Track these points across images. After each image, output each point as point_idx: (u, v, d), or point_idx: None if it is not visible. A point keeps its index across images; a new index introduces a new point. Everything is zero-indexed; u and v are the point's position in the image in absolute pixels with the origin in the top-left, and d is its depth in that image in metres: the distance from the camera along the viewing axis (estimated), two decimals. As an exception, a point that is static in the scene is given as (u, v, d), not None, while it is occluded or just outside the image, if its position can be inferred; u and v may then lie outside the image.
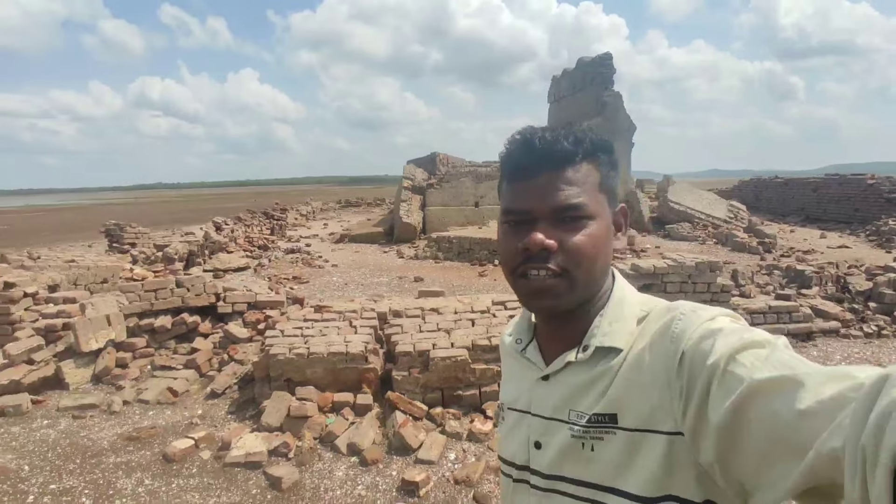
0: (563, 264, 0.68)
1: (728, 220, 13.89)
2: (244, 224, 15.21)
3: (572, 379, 0.71)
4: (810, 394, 0.47)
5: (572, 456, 0.69)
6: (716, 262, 5.32)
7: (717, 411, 0.55)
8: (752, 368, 0.54)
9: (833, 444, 0.43)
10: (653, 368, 0.64)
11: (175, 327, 4.78)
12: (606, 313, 0.72)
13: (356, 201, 26.37)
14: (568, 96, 17.95)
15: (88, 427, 3.77)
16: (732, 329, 0.60)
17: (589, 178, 0.70)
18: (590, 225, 0.69)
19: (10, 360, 3.98)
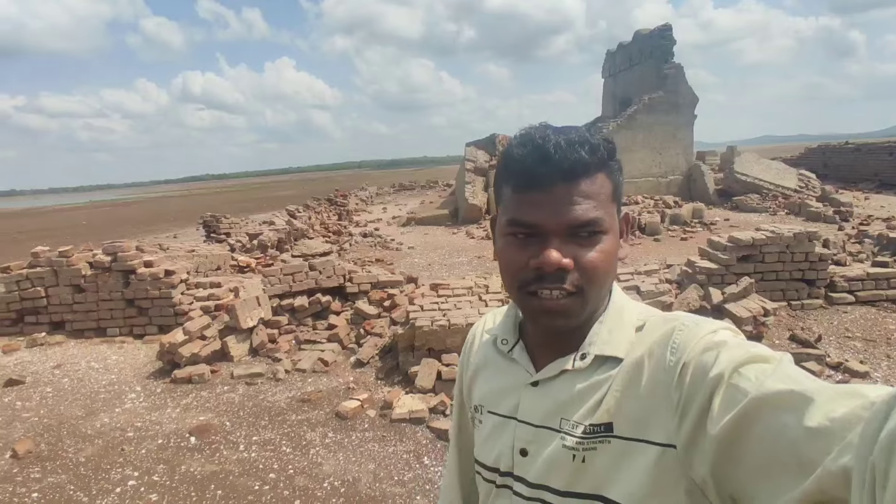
0: (578, 283, 0.66)
1: (798, 190, 13.63)
2: (314, 211, 15.97)
3: (567, 387, 0.70)
4: (820, 411, 0.47)
5: (562, 467, 0.67)
6: (814, 232, 5.47)
7: (717, 424, 0.54)
8: (758, 382, 0.53)
9: (843, 461, 0.42)
10: (651, 379, 0.63)
11: (311, 306, 5.36)
12: (605, 321, 0.71)
13: (410, 185, 26.90)
14: (624, 70, 17.77)
15: (262, 392, 4.38)
16: (736, 343, 0.60)
17: (603, 190, 0.67)
18: (604, 240, 0.67)
19: (190, 336, 4.63)
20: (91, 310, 5.52)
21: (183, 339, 4.58)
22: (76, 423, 3.98)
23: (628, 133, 15.15)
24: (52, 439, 3.77)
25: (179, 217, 25.09)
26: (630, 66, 17.24)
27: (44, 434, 3.84)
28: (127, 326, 5.54)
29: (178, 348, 4.54)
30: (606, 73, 19.38)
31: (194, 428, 3.83)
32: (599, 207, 0.66)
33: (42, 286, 5.49)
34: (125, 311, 5.53)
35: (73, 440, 3.75)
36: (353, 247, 11.44)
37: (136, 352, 5.25)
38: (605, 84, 19.69)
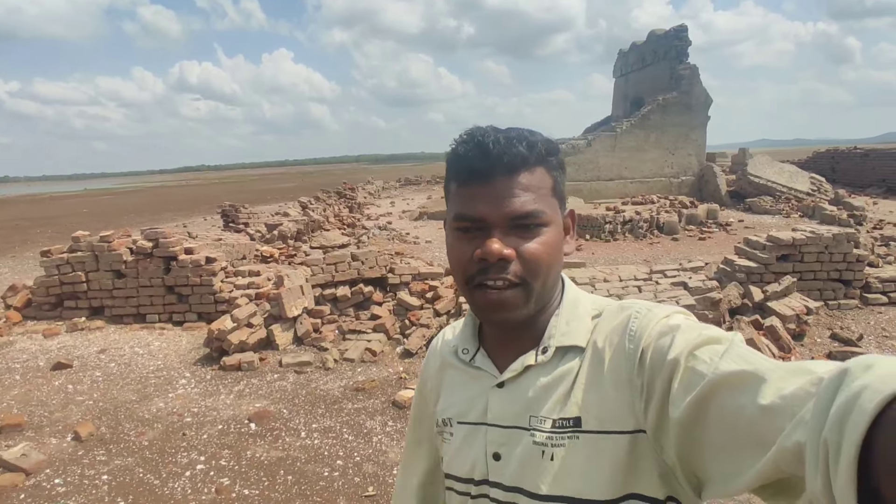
0: (521, 273, 0.67)
1: (811, 193, 13.73)
2: (325, 203, 15.93)
3: (532, 383, 0.70)
4: (772, 389, 0.48)
5: (532, 466, 0.67)
6: (853, 234, 5.53)
7: (677, 407, 0.55)
8: (712, 363, 0.54)
9: (797, 437, 0.43)
10: (613, 368, 0.64)
11: (353, 296, 5.36)
12: (562, 313, 0.72)
13: (416, 179, 26.89)
14: (637, 70, 17.80)
15: (314, 380, 4.39)
16: (689, 326, 0.61)
17: (543, 184, 0.69)
18: (545, 232, 0.68)
19: (238, 323, 4.62)
20: (131, 296, 5.50)
21: (231, 326, 4.57)
22: (132, 407, 3.97)
23: (641, 133, 15.19)
24: (112, 423, 3.76)
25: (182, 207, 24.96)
26: (643, 67, 17.27)
27: (101, 417, 3.83)
28: (166, 313, 5.52)
29: (227, 335, 4.53)
30: (618, 73, 19.40)
31: (253, 414, 3.84)
32: (539, 200, 0.67)
33: (83, 271, 5.46)
34: (165, 298, 5.50)
35: (133, 424, 3.74)
36: (370, 239, 11.42)
37: (177, 339, 5.23)
38: (616, 84, 19.72)
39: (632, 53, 18.19)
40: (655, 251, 9.68)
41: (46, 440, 3.55)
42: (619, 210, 11.53)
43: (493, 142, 0.66)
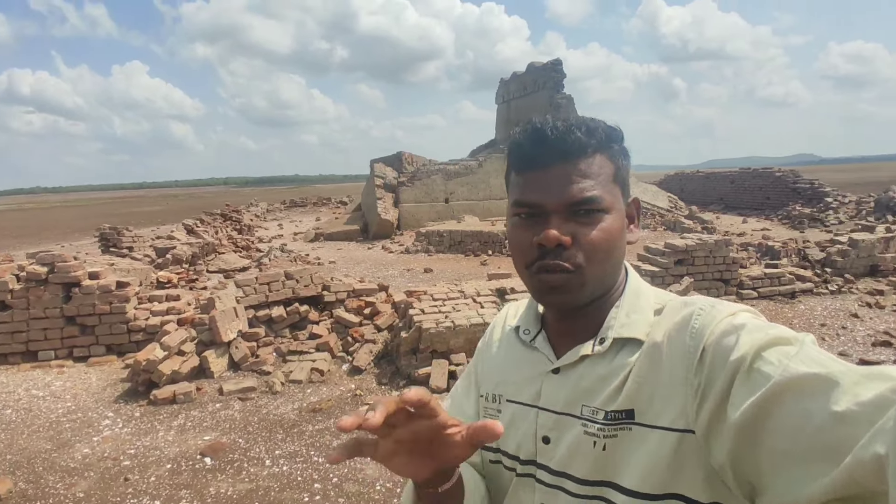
0: (578, 260, 0.67)
1: (670, 210, 15.74)
2: (211, 226, 14.83)
3: (587, 372, 0.69)
4: (847, 395, 0.45)
5: (583, 454, 0.67)
6: (728, 240, 6.52)
7: (737, 408, 0.53)
8: (781, 366, 0.51)
9: (876, 449, 0.40)
10: (670, 364, 0.63)
11: (290, 316, 5.12)
12: (623, 305, 0.71)
13: (301, 201, 26.05)
14: (518, 98, 19.18)
15: (262, 405, 4.11)
16: (756, 325, 0.59)
17: (603, 170, 0.69)
18: (605, 219, 0.67)
19: (169, 352, 4.18)
20: (18, 330, 4.68)
21: (162, 355, 4.13)
22: (50, 457, 3.42)
23: (527, 155, 16.37)
24: (30, 476, 3.20)
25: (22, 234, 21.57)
26: (524, 94, 18.68)
27: (15, 472, 3.25)
28: (65, 348, 4.78)
29: (158, 366, 4.09)
30: (500, 100, 20.74)
31: (206, 448, 3.50)
32: (598, 186, 0.67)
33: (-46, 304, 4.55)
34: (64, 331, 4.77)
35: (57, 475, 3.23)
36: (272, 261, 10.87)
37: (83, 376, 4.57)
38: (499, 109, 21.05)
39: (513, 82, 19.58)
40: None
41: (-56, 506, 2.93)
42: (516, 226, 12.26)
43: (551, 129, 0.67)
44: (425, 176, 15.28)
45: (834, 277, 7.29)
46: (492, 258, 10.95)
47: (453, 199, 15.57)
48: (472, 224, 13.28)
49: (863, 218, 13.47)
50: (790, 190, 16.31)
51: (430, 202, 15.33)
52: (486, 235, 11.63)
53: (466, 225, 13.07)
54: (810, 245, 8.18)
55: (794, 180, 16.42)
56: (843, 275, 7.37)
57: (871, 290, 7.04)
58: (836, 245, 7.87)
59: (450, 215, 15.30)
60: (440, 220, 14.62)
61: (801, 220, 14.21)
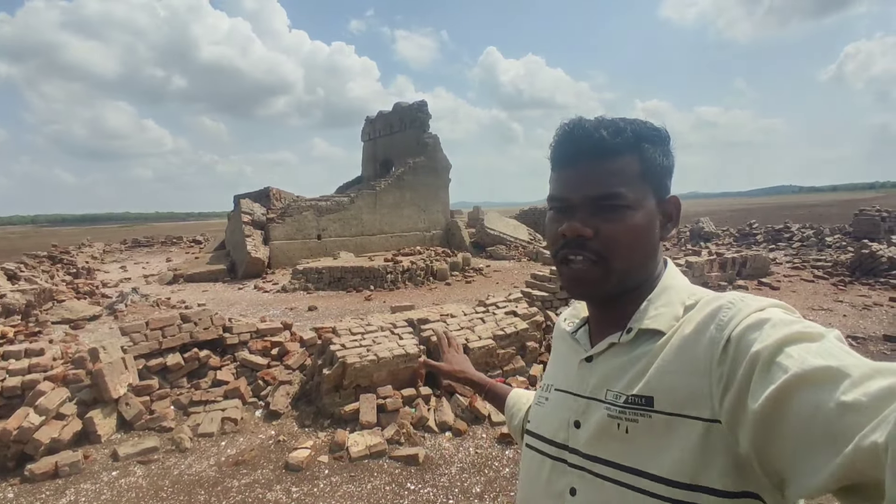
0: (600, 252, 0.71)
1: (530, 241, 17.17)
2: (39, 270, 12.60)
3: (613, 360, 0.73)
4: (857, 386, 0.47)
5: (608, 436, 0.69)
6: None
7: (756, 399, 0.54)
8: (800, 359, 0.53)
9: (874, 438, 0.42)
10: (695, 354, 0.64)
11: (188, 363, 4.60)
12: (654, 298, 0.74)
13: (146, 241, 23.32)
14: (385, 136, 19.62)
15: (171, 466, 3.62)
16: (783, 320, 0.59)
17: (629, 168, 0.71)
18: (628, 214, 0.70)
19: (46, 416, 3.51)
20: None
21: (39, 420, 3.45)
22: None
23: (398, 192, 16.73)
24: None
25: None
26: (391, 133, 19.17)
27: None
28: None
29: (34, 434, 3.41)
30: (366, 137, 21.00)
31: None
32: (623, 184, 0.71)
33: None
34: None
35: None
36: (128, 307, 9.58)
37: (-88, 460, 3.59)
38: (365, 147, 21.27)
39: (379, 120, 20.02)
40: (437, 295, 10.74)
41: None
42: (396, 261, 12.39)
43: (581, 129, 0.73)
44: (296, 212, 14.79)
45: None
46: (375, 293, 10.91)
47: (325, 235, 15.25)
48: (350, 260, 13.12)
49: (683, 245, 16.07)
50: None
51: (303, 238, 14.83)
52: (366, 271, 11.57)
53: (344, 261, 12.87)
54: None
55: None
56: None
57: (705, 303, 8.45)
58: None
59: (323, 252, 14.94)
60: (313, 257, 14.20)
61: (637, 248, 16.48)
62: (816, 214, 27.71)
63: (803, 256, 12.82)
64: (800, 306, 8.09)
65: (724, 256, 10.17)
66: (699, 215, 33.41)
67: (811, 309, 8.07)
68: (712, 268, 9.71)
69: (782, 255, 13.66)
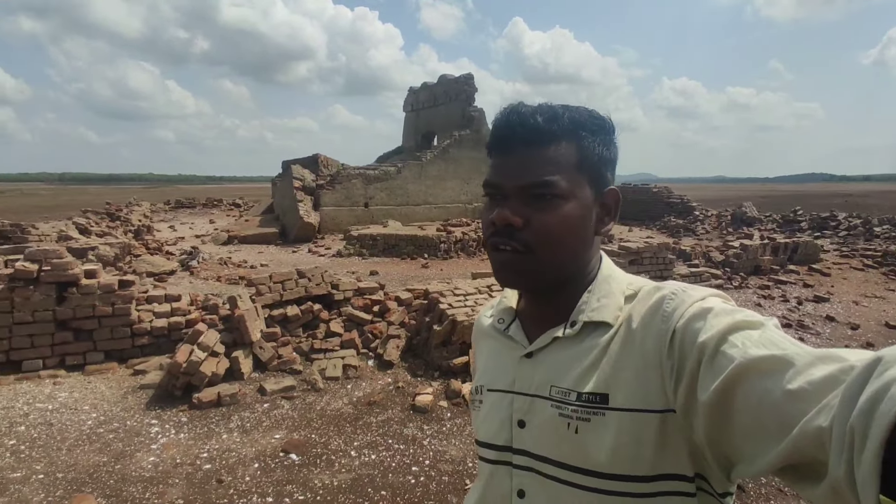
0: (529, 242, 0.68)
1: (570, 218, 17.36)
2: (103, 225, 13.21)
3: (558, 355, 0.71)
4: (801, 374, 0.48)
5: (557, 436, 0.68)
6: (667, 244, 7.63)
7: (705, 390, 0.55)
8: (743, 348, 0.54)
9: (819, 422, 0.44)
10: (644, 347, 0.64)
11: (304, 315, 5.03)
12: (594, 290, 0.73)
13: (188, 202, 23.99)
14: (428, 108, 19.75)
15: (312, 403, 4.06)
16: (724, 309, 0.60)
17: (564, 157, 0.69)
18: (561, 204, 0.68)
19: (206, 352, 3.95)
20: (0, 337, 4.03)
21: (203, 356, 3.90)
22: (115, 470, 3.11)
23: (442, 164, 16.96)
24: (108, 491, 2.92)
25: None
26: (435, 105, 19.29)
27: (83, 488, 2.92)
28: (56, 356, 4.20)
29: (199, 367, 3.85)
30: (409, 108, 21.14)
31: (284, 446, 3.44)
32: (556, 172, 0.68)
33: (-87, 309, 3.78)
34: (55, 337, 4.19)
35: (138, 486, 2.97)
36: (201, 264, 10.11)
37: (88, 386, 4.07)
38: (407, 118, 21.43)
39: (423, 92, 20.12)
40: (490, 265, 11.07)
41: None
42: (448, 230, 12.73)
43: (518, 114, 0.70)
44: (346, 180, 15.15)
45: (734, 275, 8.83)
46: (430, 261, 11.29)
47: (372, 203, 15.62)
48: (400, 228, 13.48)
49: (723, 229, 16.13)
50: (665, 204, 18.88)
51: (350, 206, 15.23)
52: (420, 239, 11.93)
53: (395, 229, 13.24)
54: (712, 249, 9.75)
55: (668, 196, 19.07)
56: (739, 273, 8.96)
57: (760, 284, 8.65)
58: (731, 249, 9.51)
59: (369, 219, 15.33)
60: (360, 224, 14.59)
61: (678, 230, 16.55)
62: (853, 204, 27.31)
63: (851, 245, 12.85)
64: (852, 293, 8.26)
65: (777, 241, 10.30)
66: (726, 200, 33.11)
67: (864, 296, 8.22)
68: (765, 251, 9.86)
69: (828, 243, 13.69)
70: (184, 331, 4.57)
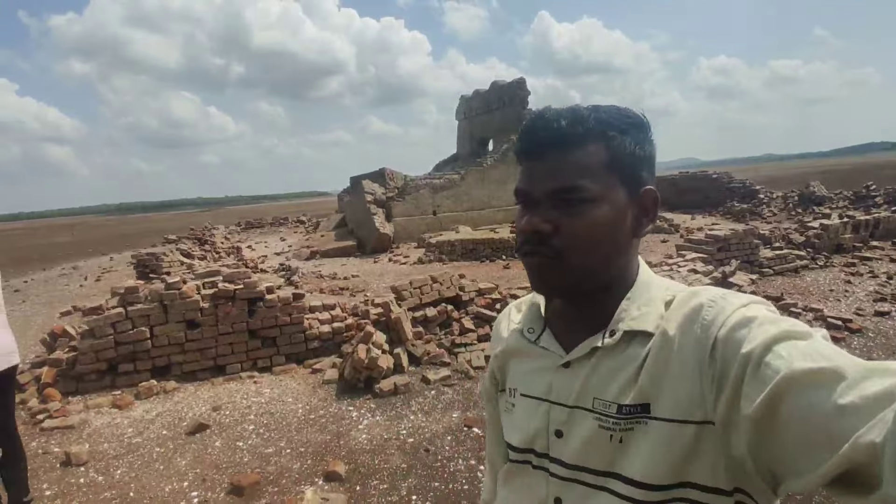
0: (560, 248, 0.68)
1: (632, 211, 17.57)
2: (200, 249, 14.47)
3: (598, 365, 0.70)
4: (852, 388, 0.47)
5: (599, 447, 0.67)
6: (752, 230, 7.94)
7: (750, 403, 0.54)
8: (790, 359, 0.52)
9: (871, 437, 0.43)
10: (683, 357, 0.62)
11: (440, 316, 5.70)
12: (634, 297, 0.71)
13: (256, 222, 25.49)
14: (482, 114, 20.37)
15: (469, 388, 4.69)
16: (768, 318, 0.59)
17: (592, 159, 0.68)
18: (591, 209, 0.67)
19: (381, 350, 4.67)
20: (206, 347, 4.88)
21: (378, 353, 4.61)
22: (340, 444, 3.83)
23: (503, 167, 17.52)
24: (344, 459, 3.63)
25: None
26: (489, 111, 19.90)
27: (326, 457, 3.65)
28: (249, 360, 5.04)
29: (377, 362, 4.57)
30: (461, 116, 21.86)
31: (465, 421, 4.08)
32: (585, 176, 0.67)
33: (147, 326, 4.66)
34: (248, 344, 5.03)
35: (366, 455, 3.67)
36: (301, 278, 11.05)
37: (281, 384, 4.86)
38: (461, 125, 22.15)
39: (475, 99, 20.78)
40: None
41: (301, 487, 3.31)
42: (519, 232, 13.29)
43: (543, 119, 0.70)
44: (414, 190, 15.94)
45: (816, 255, 9.01)
46: (510, 262, 11.86)
47: (440, 210, 16.34)
48: (472, 233, 14.14)
49: (791, 210, 15.99)
50: (726, 189, 18.80)
51: (420, 215, 16.00)
52: (496, 242, 12.54)
53: (467, 234, 13.91)
54: (791, 231, 9.93)
55: (729, 180, 18.98)
56: (822, 253, 9.12)
57: (845, 262, 8.80)
58: (811, 230, 9.67)
59: (438, 226, 16.04)
60: (431, 232, 15.32)
61: (743, 214, 16.51)
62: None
63: (933, 217, 12.61)
64: (943, 266, 8.31)
65: (857, 219, 10.35)
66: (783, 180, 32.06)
67: (958, 266, 8.26)
68: (846, 230, 9.95)
69: (907, 216, 13.46)
70: (345, 334, 5.31)
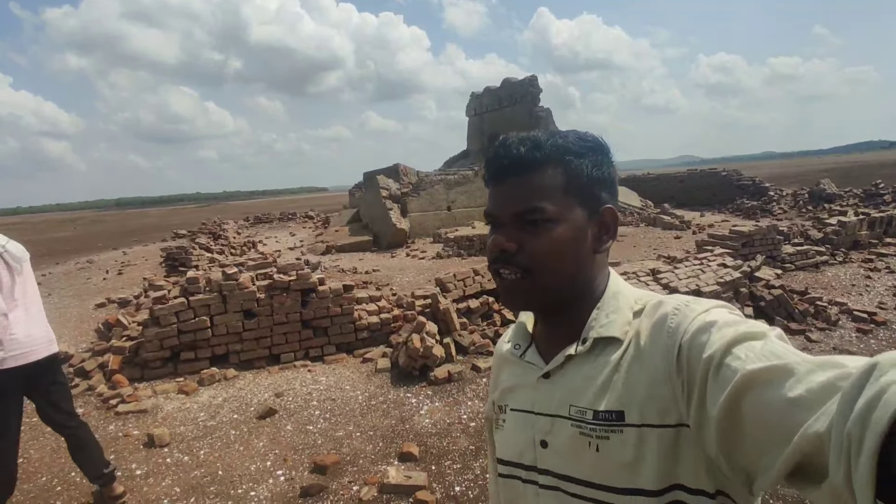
0: (526, 265, 0.72)
1: (642, 208, 17.73)
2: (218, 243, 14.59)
3: (573, 373, 0.73)
4: (800, 382, 0.50)
5: (579, 455, 0.70)
6: (775, 226, 8.11)
7: (714, 404, 0.57)
8: (747, 360, 0.55)
9: (817, 428, 0.45)
10: (653, 364, 0.66)
11: (482, 307, 5.86)
12: (603, 306, 0.75)
13: (265, 217, 25.61)
14: (493, 111, 20.50)
15: (519, 377, 4.87)
16: (727, 321, 0.62)
17: (551, 182, 0.72)
18: (551, 228, 0.71)
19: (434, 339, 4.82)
20: (263, 336, 5.03)
21: (432, 342, 4.77)
22: (405, 427, 3.99)
23: (515, 163, 17.71)
24: (416, 441, 3.78)
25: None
26: (500, 107, 20.03)
27: (396, 440, 3.81)
28: (302, 350, 5.19)
29: (432, 351, 4.72)
30: (472, 112, 21.98)
31: (522, 407, 4.25)
32: (544, 198, 0.72)
33: (207, 315, 4.81)
34: (301, 334, 5.18)
35: (433, 438, 3.83)
36: (324, 273, 11.18)
37: (335, 372, 5.02)
38: (471, 122, 22.27)
39: (486, 96, 20.91)
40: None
41: (378, 467, 3.47)
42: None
43: (504, 146, 0.76)
44: (429, 186, 16.08)
45: (835, 251, 9.19)
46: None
47: (454, 206, 16.49)
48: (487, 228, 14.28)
49: (801, 207, 16.19)
50: (735, 186, 18.99)
51: (435, 210, 16.14)
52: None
53: (484, 229, 14.06)
54: (809, 228, 10.11)
55: (738, 178, 19.17)
56: (840, 249, 9.30)
57: (864, 258, 8.98)
58: (828, 227, 9.85)
59: (452, 222, 16.19)
60: (445, 227, 15.47)
61: (754, 212, 16.70)
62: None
63: (943, 215, 12.82)
64: (957, 261, 8.50)
65: (873, 216, 10.54)
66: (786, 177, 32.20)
67: (973, 263, 8.45)
68: (862, 226, 10.13)
69: (917, 213, 13.67)
70: (392, 325, 5.47)
